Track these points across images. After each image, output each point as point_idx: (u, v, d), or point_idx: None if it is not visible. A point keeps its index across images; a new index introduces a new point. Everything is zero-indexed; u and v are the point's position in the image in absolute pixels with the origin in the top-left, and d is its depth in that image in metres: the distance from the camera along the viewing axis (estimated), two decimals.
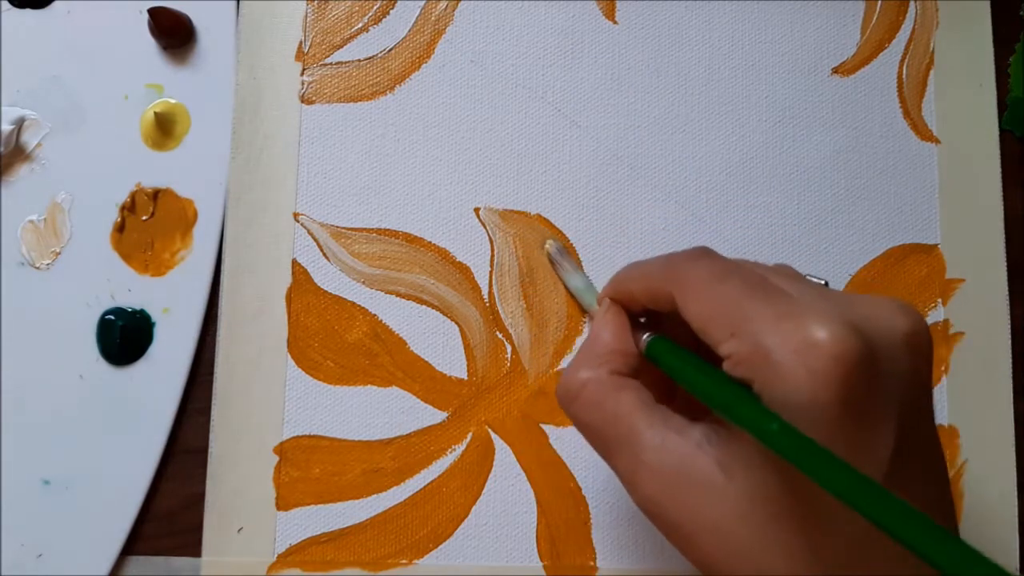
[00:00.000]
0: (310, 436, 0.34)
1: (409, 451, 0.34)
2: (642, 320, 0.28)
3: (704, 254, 0.25)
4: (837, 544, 0.21)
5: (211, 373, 0.34)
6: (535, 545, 0.34)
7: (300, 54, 0.36)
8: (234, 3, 0.36)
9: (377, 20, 0.36)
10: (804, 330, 0.21)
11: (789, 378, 0.20)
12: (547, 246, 0.35)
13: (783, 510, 0.21)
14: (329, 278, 0.35)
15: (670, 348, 0.26)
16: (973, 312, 0.36)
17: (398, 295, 0.35)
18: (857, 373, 0.20)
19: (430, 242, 0.35)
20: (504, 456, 0.34)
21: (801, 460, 0.19)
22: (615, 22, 0.37)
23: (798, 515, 0.21)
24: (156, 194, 0.35)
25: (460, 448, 0.34)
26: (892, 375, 0.21)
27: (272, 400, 0.34)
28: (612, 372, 0.25)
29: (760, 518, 0.21)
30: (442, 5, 0.37)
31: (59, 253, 0.35)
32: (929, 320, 0.36)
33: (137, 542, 0.34)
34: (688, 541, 0.23)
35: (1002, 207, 0.37)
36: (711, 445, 0.23)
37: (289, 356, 0.34)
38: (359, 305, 0.35)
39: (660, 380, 0.27)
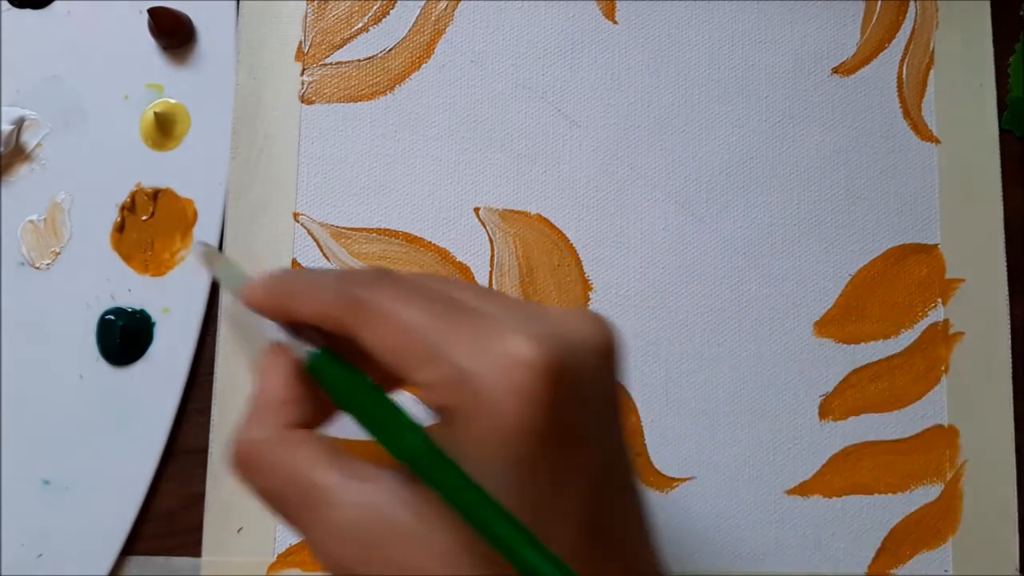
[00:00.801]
0: None
1: None
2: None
3: (382, 277, 0.22)
4: None
5: (211, 373, 0.34)
6: None
7: (300, 54, 0.36)
8: (234, 3, 0.36)
9: (377, 20, 0.36)
10: (507, 348, 0.19)
11: (496, 401, 0.19)
12: (197, 249, 0.31)
13: (483, 551, 0.20)
14: None
15: (334, 364, 0.23)
16: (973, 312, 0.36)
17: None
18: (565, 389, 0.19)
19: (430, 242, 0.35)
20: None
21: (443, 484, 0.19)
22: (615, 22, 0.37)
23: (496, 556, 0.20)
24: (156, 194, 0.35)
25: None
26: (593, 389, 0.21)
27: None
28: (284, 426, 0.22)
29: (469, 562, 0.20)
30: (442, 5, 0.37)
31: (59, 253, 0.35)
32: (928, 320, 0.36)
33: (137, 542, 0.34)
34: None
35: (1002, 207, 0.37)
36: (405, 490, 0.20)
37: None
38: None
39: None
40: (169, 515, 0.34)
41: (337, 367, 0.23)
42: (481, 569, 0.20)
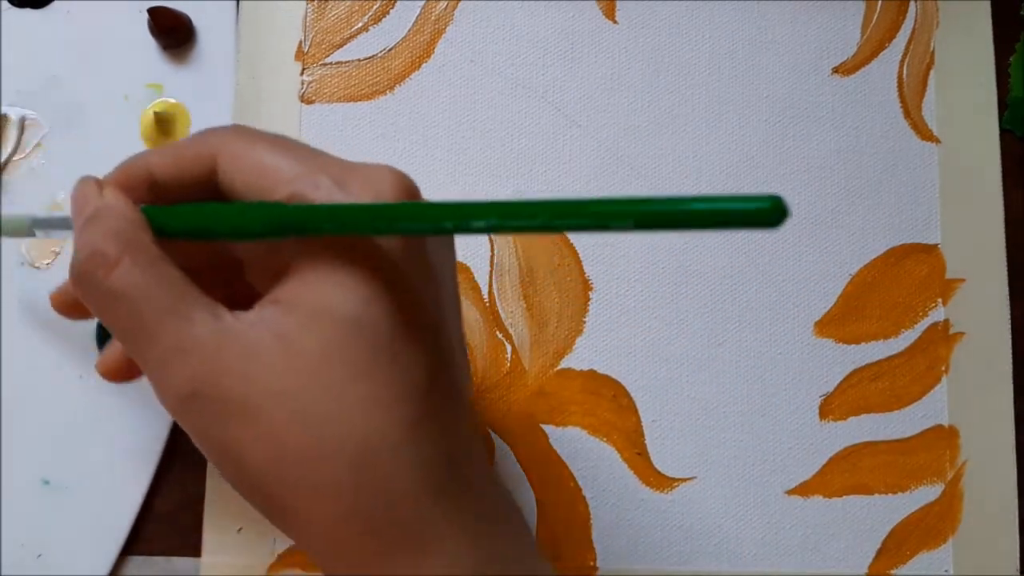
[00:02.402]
0: None
1: None
2: None
3: (240, 126, 0.24)
4: (406, 388, 0.21)
5: None
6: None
7: (300, 54, 0.36)
8: (234, 3, 0.36)
9: (377, 20, 0.36)
10: (372, 171, 0.22)
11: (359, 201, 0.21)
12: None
13: (354, 364, 0.20)
14: None
15: (178, 209, 0.23)
16: (973, 312, 0.36)
17: None
18: (416, 195, 0.22)
19: None
20: (504, 456, 0.34)
21: (360, 223, 0.20)
22: (615, 22, 0.37)
23: (363, 367, 0.21)
24: None
25: None
26: None
27: None
28: (154, 241, 0.22)
29: (326, 374, 0.20)
30: (442, 5, 0.37)
31: (59, 253, 0.35)
32: (929, 320, 0.36)
33: (137, 542, 0.34)
34: (247, 415, 0.20)
35: (1002, 207, 0.37)
36: (268, 320, 0.21)
37: None
38: None
39: None
40: (169, 515, 0.34)
41: (171, 208, 0.23)
42: (344, 381, 0.20)
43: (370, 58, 0.36)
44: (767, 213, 0.17)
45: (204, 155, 0.23)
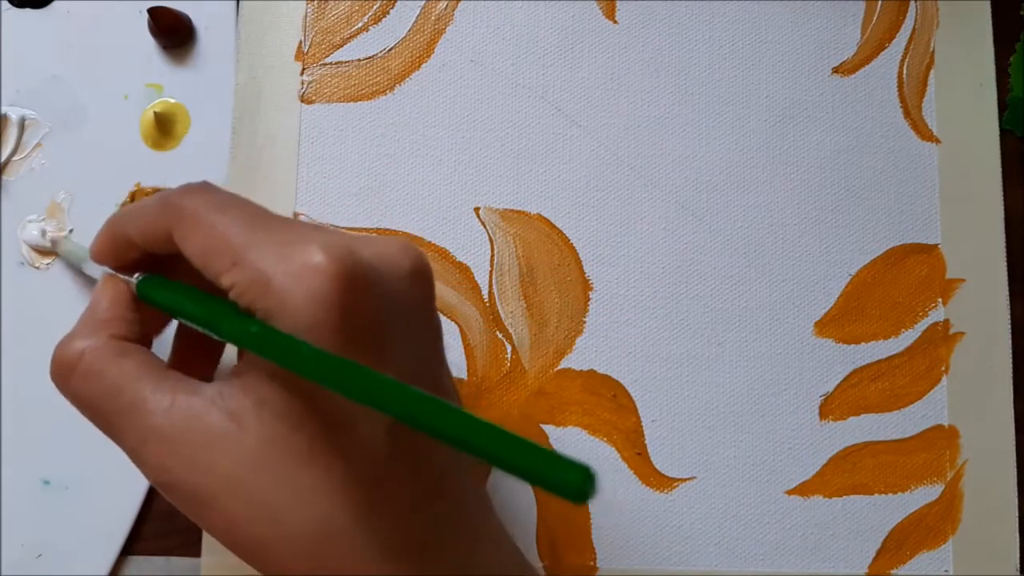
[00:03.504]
0: None
1: None
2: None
3: (202, 187, 0.24)
4: (356, 471, 0.21)
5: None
6: (535, 545, 0.34)
7: (300, 54, 0.36)
8: (234, 3, 0.36)
9: (377, 20, 0.36)
10: (304, 255, 0.20)
11: (289, 302, 0.20)
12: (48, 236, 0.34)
13: (297, 449, 0.21)
14: None
15: (161, 283, 0.24)
16: (973, 312, 0.36)
17: None
18: (355, 295, 0.20)
19: (430, 242, 0.35)
20: None
21: (289, 359, 0.20)
22: (615, 22, 0.37)
23: (313, 451, 0.21)
24: (156, 194, 0.35)
25: None
26: (396, 305, 0.22)
27: None
28: (112, 337, 0.23)
29: (275, 461, 0.21)
30: (442, 5, 0.37)
31: (58, 256, 0.35)
32: (929, 320, 0.36)
33: (137, 542, 0.34)
34: (206, 504, 0.21)
35: (1002, 207, 0.37)
36: (223, 399, 0.21)
37: None
38: None
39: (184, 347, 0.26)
40: (169, 515, 0.34)
41: (165, 284, 0.24)
42: (286, 466, 0.21)
43: (370, 58, 0.36)
44: (573, 487, 0.16)
45: (160, 222, 0.23)
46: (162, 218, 0.23)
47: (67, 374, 0.23)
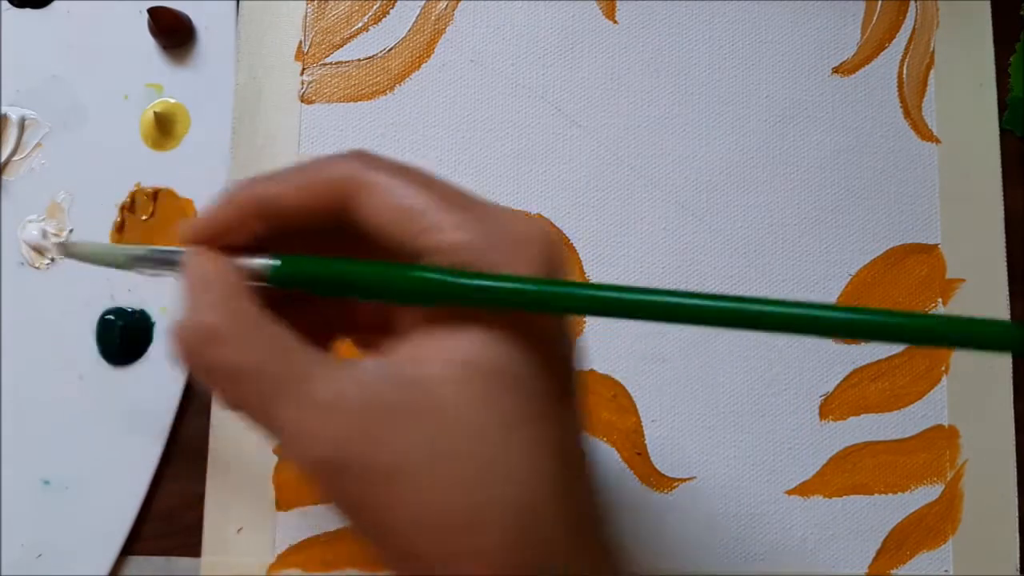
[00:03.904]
0: None
1: None
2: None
3: (368, 153, 0.22)
4: (565, 444, 0.21)
5: None
6: None
7: (300, 54, 0.36)
8: (234, 3, 0.36)
9: (377, 20, 0.36)
10: (519, 227, 0.21)
11: (507, 268, 0.20)
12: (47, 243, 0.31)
13: (509, 417, 0.19)
14: None
15: (308, 260, 0.22)
16: (973, 312, 0.36)
17: None
18: (560, 268, 0.21)
19: None
20: None
21: (514, 296, 0.20)
22: (615, 22, 0.37)
23: (524, 418, 0.20)
24: (156, 194, 0.35)
25: None
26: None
27: None
28: (259, 305, 0.21)
29: (488, 434, 0.19)
30: (442, 5, 0.37)
31: (54, 260, 0.35)
32: None
33: (137, 542, 0.34)
34: (391, 481, 0.19)
35: (1002, 207, 0.37)
36: (392, 370, 0.20)
37: None
38: None
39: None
40: (169, 515, 0.34)
41: (309, 260, 0.22)
42: (498, 429, 0.19)
43: (370, 58, 0.36)
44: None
45: (334, 185, 0.22)
46: (334, 182, 0.22)
47: (209, 343, 0.20)
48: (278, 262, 0.22)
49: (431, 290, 0.20)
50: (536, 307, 0.20)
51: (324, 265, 0.22)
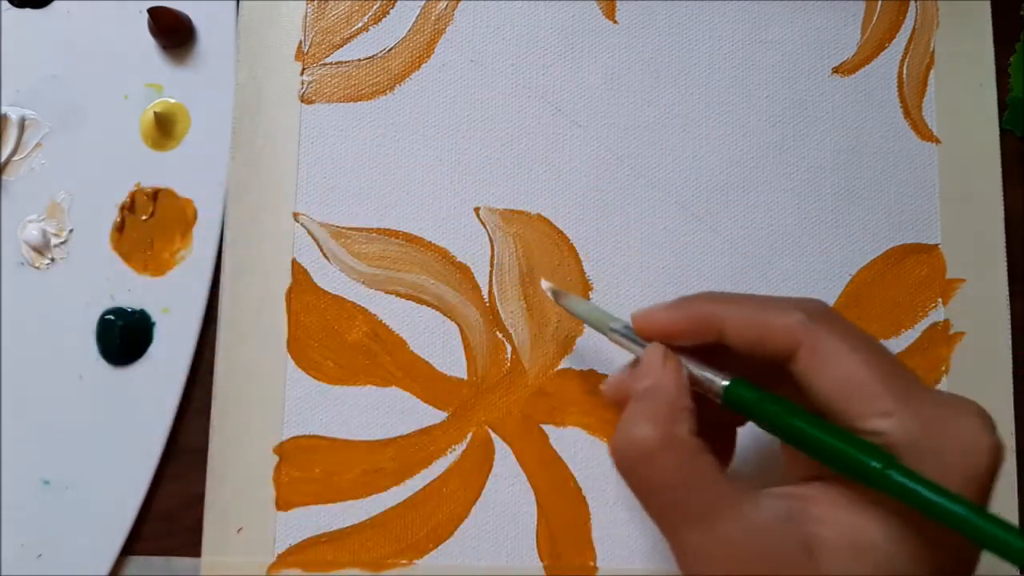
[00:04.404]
0: (310, 436, 0.34)
1: (409, 451, 0.34)
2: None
3: (832, 311, 0.24)
4: None
5: (211, 373, 0.34)
6: (535, 545, 0.34)
7: (300, 54, 0.36)
8: (234, 3, 0.36)
9: (377, 20, 0.36)
10: (971, 429, 0.21)
11: (943, 470, 0.20)
12: (545, 287, 0.32)
13: None
14: (329, 278, 0.35)
15: (758, 393, 0.24)
16: (973, 312, 0.36)
17: (398, 295, 0.35)
18: (994, 480, 0.21)
19: (430, 242, 0.35)
20: (504, 456, 0.34)
21: (918, 499, 0.20)
22: (615, 22, 0.37)
23: None
24: (156, 194, 0.35)
25: (460, 448, 0.34)
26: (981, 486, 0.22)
27: (272, 400, 0.34)
28: (691, 432, 0.23)
29: None
30: (442, 5, 0.37)
31: (54, 260, 0.35)
32: (929, 320, 0.36)
33: (137, 542, 0.34)
34: None
35: (1002, 207, 0.37)
36: (792, 523, 0.21)
37: (289, 356, 0.34)
38: (359, 305, 0.35)
39: (711, 436, 0.25)
40: (169, 515, 0.34)
41: (761, 392, 0.24)
42: None
43: (370, 58, 0.36)
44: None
45: (788, 342, 0.23)
46: (791, 334, 0.23)
47: (643, 460, 0.23)
48: (728, 383, 0.24)
49: (871, 477, 0.21)
50: (958, 528, 0.20)
51: (774, 406, 0.23)
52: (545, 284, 0.32)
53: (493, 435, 0.34)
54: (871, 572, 0.20)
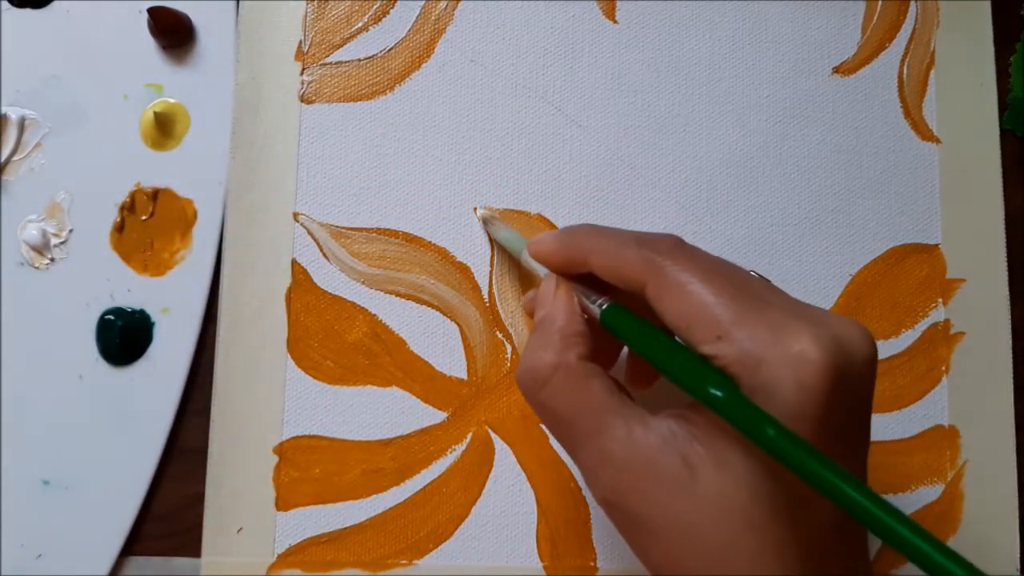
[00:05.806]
0: (310, 436, 0.34)
1: (409, 451, 0.34)
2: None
3: (681, 246, 0.25)
4: (803, 549, 0.21)
5: (211, 373, 0.34)
6: (535, 545, 0.34)
7: (300, 54, 0.36)
8: (234, 3, 0.36)
9: (377, 20, 0.36)
10: (799, 343, 0.21)
11: (776, 387, 0.21)
12: (478, 214, 0.35)
13: (749, 514, 0.21)
14: (329, 278, 0.35)
15: (625, 316, 0.25)
16: (973, 312, 0.36)
17: (398, 295, 0.35)
18: (840, 394, 0.21)
19: (430, 242, 0.35)
20: (504, 456, 0.34)
21: (753, 432, 0.20)
22: (615, 22, 0.37)
23: (765, 520, 0.21)
24: (156, 194, 0.35)
25: (460, 448, 0.34)
26: (858, 397, 0.22)
27: (272, 400, 0.34)
28: (579, 357, 0.25)
29: (724, 518, 0.21)
30: (442, 5, 0.37)
31: (54, 260, 0.35)
32: (929, 320, 0.36)
33: (137, 542, 0.34)
34: (653, 537, 0.22)
35: (1002, 207, 0.37)
36: (677, 441, 0.22)
37: (289, 356, 0.34)
38: (359, 305, 0.35)
39: (603, 353, 0.27)
40: (169, 515, 0.34)
41: (629, 317, 0.25)
42: (741, 528, 0.21)
43: (370, 58, 0.36)
44: None
45: (637, 277, 0.24)
46: (639, 269, 0.24)
47: (539, 387, 0.24)
48: (606, 307, 0.26)
49: (716, 407, 0.21)
50: (778, 458, 0.20)
51: (639, 332, 0.24)
52: (480, 211, 0.34)
53: (493, 435, 0.34)
54: (733, 487, 0.21)
